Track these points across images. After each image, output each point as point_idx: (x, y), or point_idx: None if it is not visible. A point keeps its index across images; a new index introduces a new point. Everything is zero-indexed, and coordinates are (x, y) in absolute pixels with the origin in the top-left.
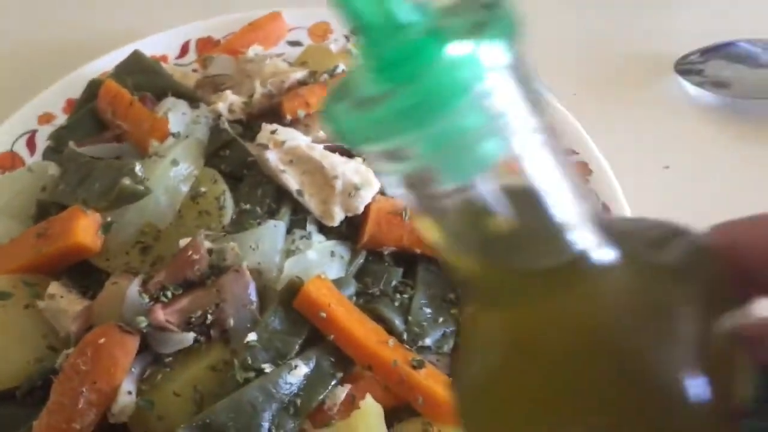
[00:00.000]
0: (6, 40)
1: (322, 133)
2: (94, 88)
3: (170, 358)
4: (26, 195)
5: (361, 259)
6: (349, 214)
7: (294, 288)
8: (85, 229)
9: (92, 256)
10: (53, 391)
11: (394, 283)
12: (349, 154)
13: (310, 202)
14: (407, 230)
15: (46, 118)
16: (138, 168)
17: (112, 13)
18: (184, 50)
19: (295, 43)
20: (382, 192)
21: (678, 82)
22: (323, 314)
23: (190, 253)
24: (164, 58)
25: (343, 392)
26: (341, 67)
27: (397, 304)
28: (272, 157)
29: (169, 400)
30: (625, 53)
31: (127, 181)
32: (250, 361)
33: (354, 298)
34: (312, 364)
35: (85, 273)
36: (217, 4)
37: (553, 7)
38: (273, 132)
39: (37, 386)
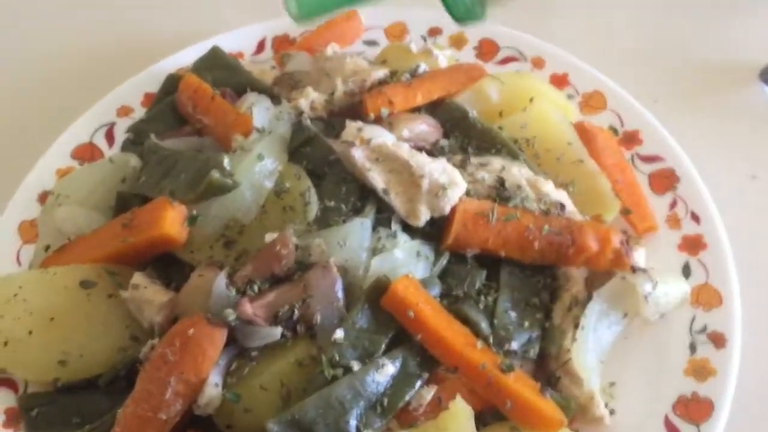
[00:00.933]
0: (85, 35)
1: (406, 132)
2: (172, 82)
3: (256, 352)
4: (106, 186)
5: (444, 260)
6: (435, 215)
7: (382, 286)
8: (173, 220)
9: (176, 248)
10: (139, 380)
11: (477, 285)
12: (434, 154)
13: (396, 201)
14: (493, 232)
15: (124, 111)
16: (226, 161)
17: (189, 10)
18: (260, 47)
19: (371, 43)
20: (468, 193)
21: (763, 91)
22: (411, 313)
23: (278, 247)
24: (240, 55)
25: (429, 393)
26: (422, 66)
27: (481, 306)
28: (358, 154)
29: (255, 394)
30: (709, 61)
31: (216, 174)
32: (337, 358)
33: (438, 299)
34: (399, 364)
35: (167, 265)
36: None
37: (634, 15)
38: (359, 129)
39: (120, 375)
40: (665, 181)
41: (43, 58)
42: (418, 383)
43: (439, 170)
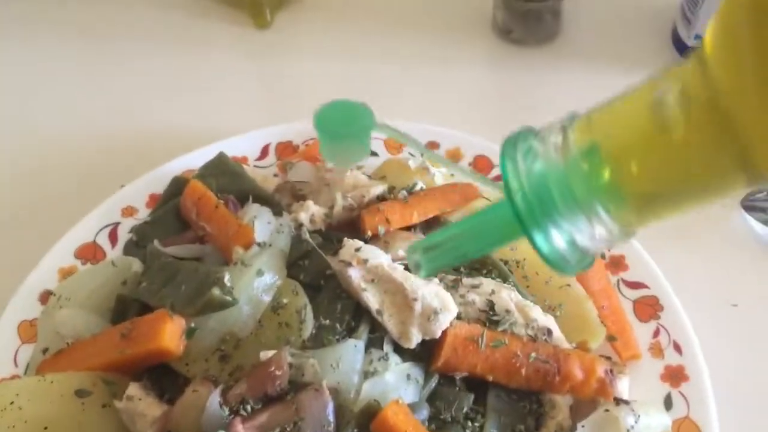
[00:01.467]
0: (93, 133)
1: (401, 252)
2: (177, 185)
3: None
4: (107, 289)
5: (434, 383)
6: (427, 338)
7: (372, 411)
8: (171, 334)
9: (172, 360)
10: None
11: (465, 409)
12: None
13: (389, 322)
14: (482, 358)
15: (129, 212)
16: (227, 278)
17: (195, 112)
18: (264, 153)
19: (371, 153)
20: (459, 315)
21: (744, 219)
22: None
23: (272, 368)
24: (244, 159)
25: None
26: (419, 184)
27: (468, 431)
28: (355, 274)
29: None
30: None
31: (216, 291)
32: None
33: (426, 423)
34: None
35: (161, 375)
36: (297, 108)
37: None
38: (357, 249)
39: None
40: (649, 309)
41: (49, 156)
42: None
43: (432, 294)
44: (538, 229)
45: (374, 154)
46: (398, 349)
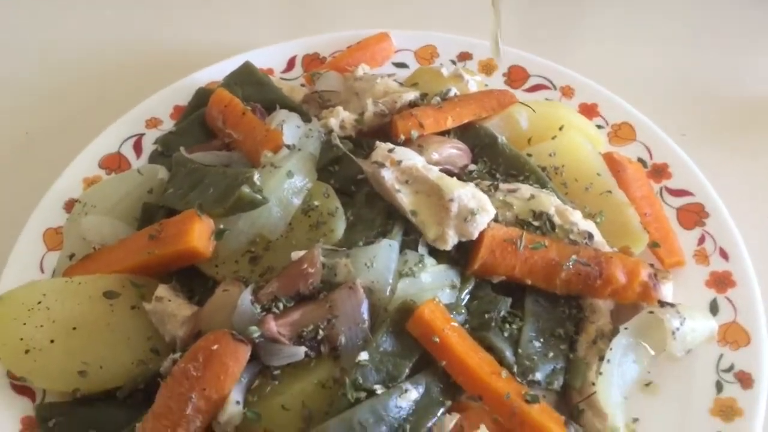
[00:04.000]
0: (116, 47)
1: (435, 155)
2: (202, 96)
3: (278, 371)
4: (133, 197)
5: (470, 286)
6: (463, 239)
7: (408, 310)
8: (200, 233)
9: (201, 262)
10: (160, 395)
11: (502, 313)
12: (462, 178)
13: (424, 223)
14: (520, 260)
15: (153, 123)
16: (256, 176)
17: (219, 25)
18: (290, 65)
19: (401, 65)
20: (495, 219)
21: None
22: (436, 339)
23: (305, 266)
24: (270, 72)
25: (451, 421)
26: (453, 90)
27: (506, 334)
28: (388, 175)
29: (277, 414)
30: (738, 96)
31: (246, 189)
32: (360, 381)
33: (463, 325)
34: (422, 390)
35: (190, 278)
36: (323, 22)
37: (664, 47)
38: (390, 150)
39: (139, 388)
40: (694, 216)
41: (74, 68)
42: (441, 410)
43: (469, 195)
44: None
45: (404, 65)
46: (433, 252)
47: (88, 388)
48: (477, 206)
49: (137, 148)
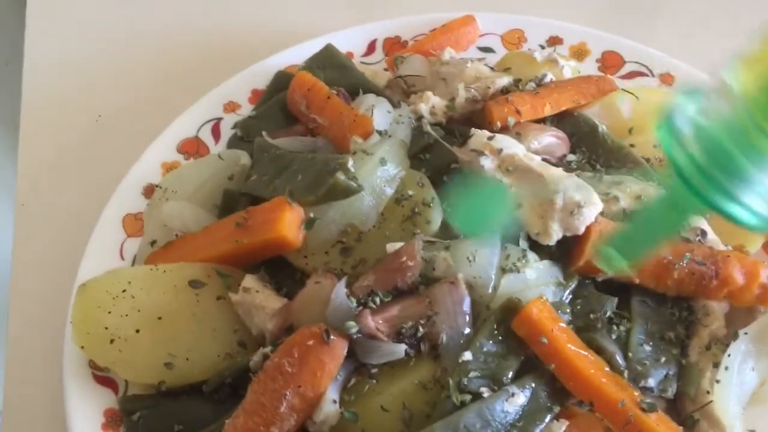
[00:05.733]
0: (193, 29)
1: (535, 144)
2: (282, 79)
3: (375, 369)
4: (214, 183)
5: (573, 284)
6: (568, 234)
7: (513, 308)
8: (290, 222)
9: (290, 253)
10: (252, 391)
11: (608, 313)
12: (565, 170)
13: (527, 216)
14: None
15: (231, 107)
16: (351, 163)
17: (297, 8)
18: (371, 48)
19: (486, 49)
20: (601, 213)
21: None
22: (544, 339)
23: (404, 258)
24: (350, 55)
25: (560, 428)
26: (549, 75)
27: (614, 336)
28: (488, 165)
29: (375, 415)
30: None
31: (341, 176)
32: (465, 383)
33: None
34: (529, 394)
35: (276, 269)
36: (404, 4)
37: None
38: (489, 138)
39: (226, 383)
40: None
41: (149, 49)
42: (549, 417)
43: (574, 187)
44: (725, 197)
45: (490, 50)
46: (534, 247)
47: (174, 381)
48: (583, 199)
49: (215, 132)
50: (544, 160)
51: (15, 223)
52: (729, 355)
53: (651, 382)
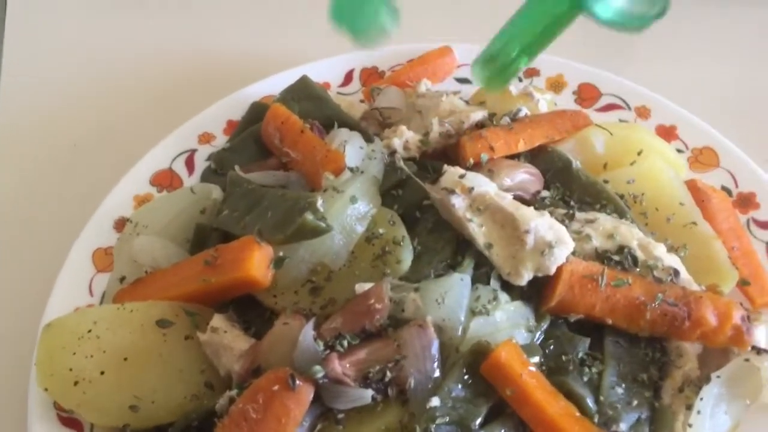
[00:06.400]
0: (166, 59)
1: (507, 181)
2: (257, 110)
3: (342, 415)
4: (186, 217)
5: (545, 324)
6: (539, 274)
7: (482, 351)
8: (259, 262)
9: (259, 292)
10: None
11: (580, 354)
12: (534, 206)
13: (498, 256)
14: (601, 298)
15: (206, 138)
16: (320, 203)
17: (274, 37)
18: (348, 78)
19: (463, 80)
20: (573, 252)
21: None
22: (513, 386)
23: (372, 301)
24: (327, 85)
25: None
26: (523, 110)
27: (585, 379)
28: (459, 203)
29: None
30: None
31: (309, 216)
32: (432, 430)
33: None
34: None
35: (245, 307)
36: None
37: (745, 67)
38: (461, 176)
39: (193, 426)
40: None
41: (125, 77)
42: None
43: (546, 226)
44: None
45: (467, 81)
46: (505, 287)
47: (140, 424)
48: (555, 239)
49: (189, 164)
50: (517, 196)
51: None
52: (701, 399)
53: (623, 427)
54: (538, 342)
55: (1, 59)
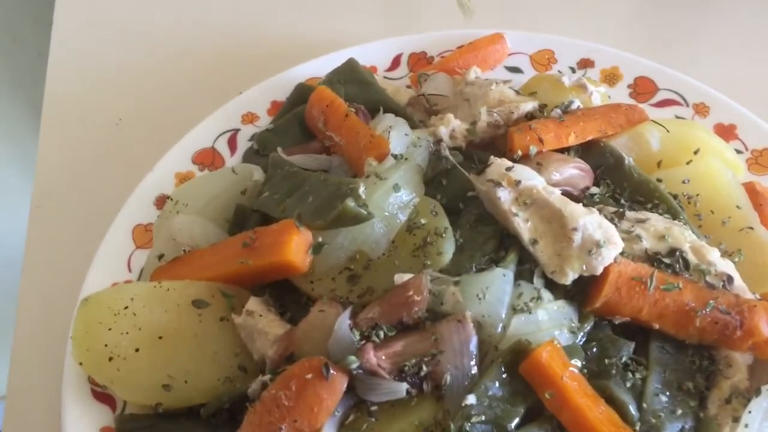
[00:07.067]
0: (215, 37)
1: (556, 175)
2: (302, 92)
3: (375, 407)
4: (226, 197)
5: (588, 325)
6: (585, 274)
7: (522, 351)
8: (298, 246)
9: (296, 277)
10: (248, 421)
11: (624, 359)
12: (582, 202)
13: (543, 253)
14: (649, 302)
15: (249, 118)
16: (362, 189)
17: (321, 19)
18: (395, 63)
19: (514, 69)
20: (621, 252)
21: None
22: (553, 387)
23: (410, 293)
24: (374, 69)
25: None
26: (576, 102)
27: (628, 384)
28: (505, 196)
29: None
30: None
31: (351, 203)
32: (467, 428)
33: (581, 371)
34: None
35: (282, 292)
36: (432, 19)
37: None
38: (508, 169)
39: (224, 408)
40: None
41: (171, 55)
42: None
43: (595, 224)
44: None
45: (518, 70)
46: (549, 285)
47: (172, 404)
48: (603, 238)
49: (232, 144)
50: (565, 192)
51: (28, 226)
52: (750, 412)
53: None
54: (581, 344)
55: (51, 31)
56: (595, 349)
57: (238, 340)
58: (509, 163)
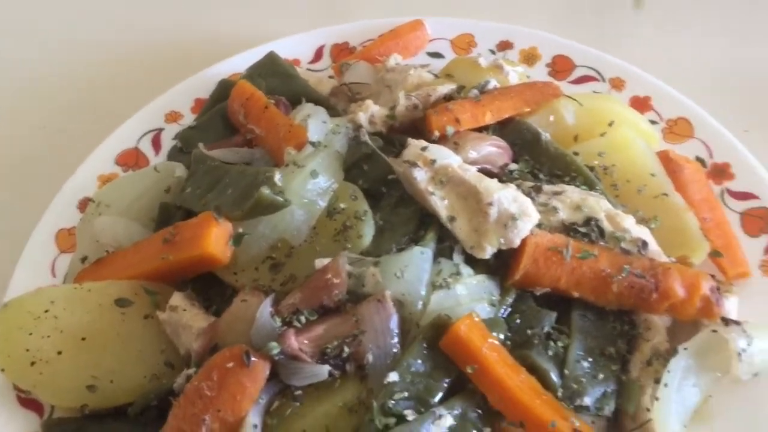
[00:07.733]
0: (135, 35)
1: (473, 153)
2: (224, 88)
3: (299, 391)
4: (150, 196)
5: (510, 298)
6: (503, 247)
7: (442, 326)
8: (217, 238)
9: (219, 269)
10: (172, 416)
11: (546, 328)
12: (501, 178)
13: (461, 230)
14: (567, 270)
15: (173, 117)
16: (277, 176)
17: (241, 15)
18: (318, 55)
19: (436, 55)
20: (539, 225)
21: None
22: (473, 360)
23: (329, 276)
24: (296, 62)
25: None
26: (492, 82)
27: (550, 353)
28: (421, 176)
29: None
30: None
31: (266, 191)
32: (390, 405)
33: (503, 343)
34: (457, 415)
35: (207, 285)
36: (353, 9)
37: (724, 37)
38: (423, 149)
39: (152, 405)
40: (759, 221)
41: (93, 58)
42: None
43: (510, 198)
44: None
45: (439, 55)
46: (469, 261)
47: (98, 404)
48: (518, 211)
49: (156, 143)
50: (484, 170)
51: None
52: (668, 371)
53: (587, 401)
54: (504, 316)
55: None
56: (518, 321)
57: (164, 337)
58: (424, 144)
